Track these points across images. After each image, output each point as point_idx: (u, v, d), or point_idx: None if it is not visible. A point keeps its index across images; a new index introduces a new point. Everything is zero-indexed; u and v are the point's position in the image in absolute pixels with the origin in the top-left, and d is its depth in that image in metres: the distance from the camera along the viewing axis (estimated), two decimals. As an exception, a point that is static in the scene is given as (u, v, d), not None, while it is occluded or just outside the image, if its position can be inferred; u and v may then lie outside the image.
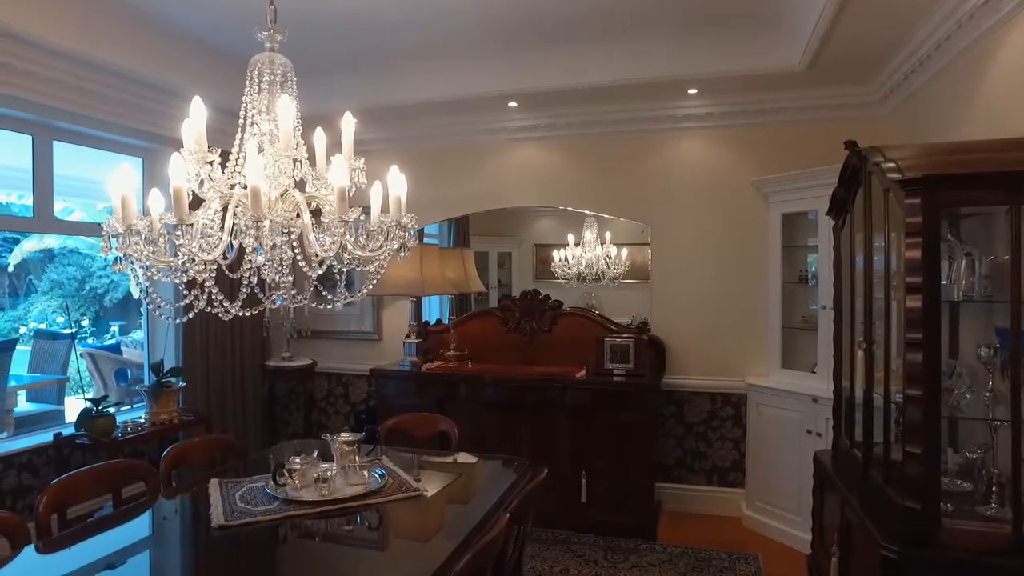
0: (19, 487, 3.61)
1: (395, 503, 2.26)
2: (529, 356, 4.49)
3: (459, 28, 3.67)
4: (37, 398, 5.83)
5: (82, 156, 4.08)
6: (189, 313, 1.81)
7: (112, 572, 1.94)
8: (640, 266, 4.79)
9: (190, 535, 2.26)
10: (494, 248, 5.30)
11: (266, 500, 2.22)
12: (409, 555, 2.08)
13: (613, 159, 4.52)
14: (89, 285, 13.41)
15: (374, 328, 5.03)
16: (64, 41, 3.20)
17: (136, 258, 1.71)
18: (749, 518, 4.08)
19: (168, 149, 4.24)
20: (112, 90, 3.65)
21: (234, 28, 3.62)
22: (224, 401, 4.61)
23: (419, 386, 4.30)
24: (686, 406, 4.40)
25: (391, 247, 1.82)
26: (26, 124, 3.67)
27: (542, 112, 4.48)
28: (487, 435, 4.06)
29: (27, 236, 11.11)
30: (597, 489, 3.96)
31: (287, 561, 2.02)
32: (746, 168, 4.23)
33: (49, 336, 6.90)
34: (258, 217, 1.54)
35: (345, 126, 1.89)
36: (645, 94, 4.12)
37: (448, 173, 4.80)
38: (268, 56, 1.96)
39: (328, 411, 5.19)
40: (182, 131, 1.89)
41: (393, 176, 1.87)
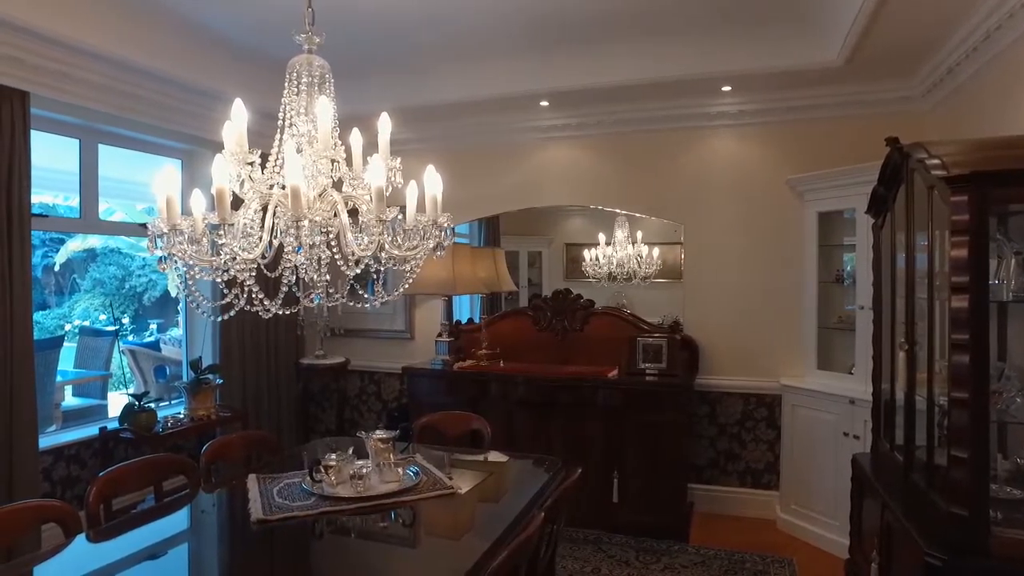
0: (68, 477, 3.73)
1: (428, 501, 2.27)
2: (561, 355, 4.48)
3: (491, 28, 3.68)
4: (82, 393, 6.01)
5: (123, 158, 4.19)
6: (230, 311, 1.84)
7: (154, 562, 2.00)
8: (671, 265, 4.75)
9: (230, 529, 2.31)
10: (524, 247, 5.31)
11: (303, 496, 2.25)
12: (443, 552, 2.10)
13: (645, 158, 4.48)
14: (129, 284, 13.78)
15: (406, 327, 5.07)
16: (113, 48, 3.31)
17: (180, 257, 1.76)
18: (784, 521, 4.01)
19: (206, 151, 4.36)
20: (155, 94, 3.75)
21: (271, 32, 3.69)
22: (259, 398, 4.69)
23: (451, 385, 4.32)
24: (719, 406, 4.35)
25: (427, 246, 1.83)
26: (74, 128, 3.79)
27: (574, 111, 4.47)
28: (518, 434, 4.07)
29: (72, 236, 11.46)
30: (629, 489, 3.94)
31: (323, 556, 2.04)
32: (780, 166, 4.16)
33: (93, 333, 7.11)
34: (298, 217, 1.57)
35: (381, 126, 1.91)
36: (678, 92, 4.08)
37: (480, 172, 4.82)
38: (306, 58, 1.99)
39: (360, 409, 5.25)
40: (223, 133, 1.93)
41: (429, 175, 1.89)
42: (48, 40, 3.09)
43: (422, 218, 1.84)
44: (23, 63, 3.10)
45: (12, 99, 3.13)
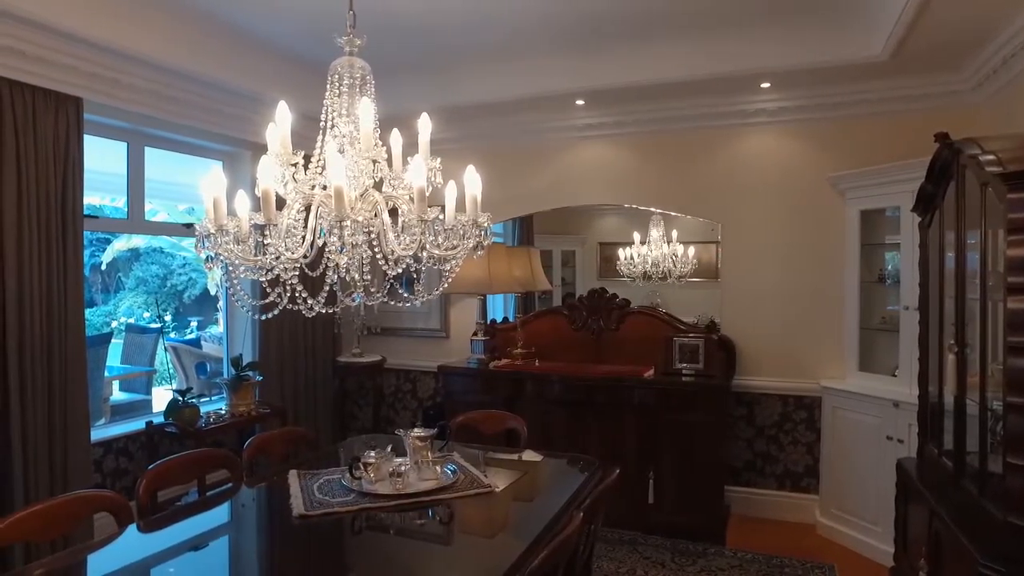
0: (117, 469, 3.86)
1: (464, 499, 2.28)
2: (596, 355, 4.46)
3: (528, 27, 3.67)
4: (128, 388, 6.20)
5: (164, 159, 4.29)
6: (273, 310, 1.88)
7: (196, 553, 2.05)
8: (706, 265, 4.70)
9: (272, 523, 2.35)
10: (558, 246, 5.30)
11: (343, 492, 2.28)
12: (480, 551, 2.11)
13: (682, 156, 4.44)
14: (170, 282, 14.16)
15: (441, 326, 5.11)
16: (161, 55, 3.41)
17: (226, 257, 1.80)
18: (824, 526, 3.93)
19: (246, 152, 4.45)
20: (198, 98, 3.85)
21: (312, 36, 3.75)
22: (297, 395, 4.77)
23: (486, 383, 4.34)
24: (756, 408, 4.28)
25: (467, 246, 1.84)
26: (122, 132, 3.91)
27: (610, 109, 4.44)
28: (554, 433, 4.07)
29: (117, 236, 11.82)
30: (665, 490, 3.90)
31: (361, 552, 2.07)
32: (821, 164, 4.07)
33: (139, 330, 7.32)
34: (341, 217, 1.59)
35: (422, 127, 1.92)
36: (716, 89, 4.03)
37: (515, 171, 4.82)
38: (348, 60, 2.02)
39: (396, 407, 5.30)
40: (267, 135, 1.96)
41: (469, 175, 1.90)
42: (102, 49, 3.20)
43: (462, 217, 1.85)
44: (78, 71, 3.21)
45: (67, 105, 3.24)
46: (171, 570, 1.94)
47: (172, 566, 1.96)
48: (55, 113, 3.20)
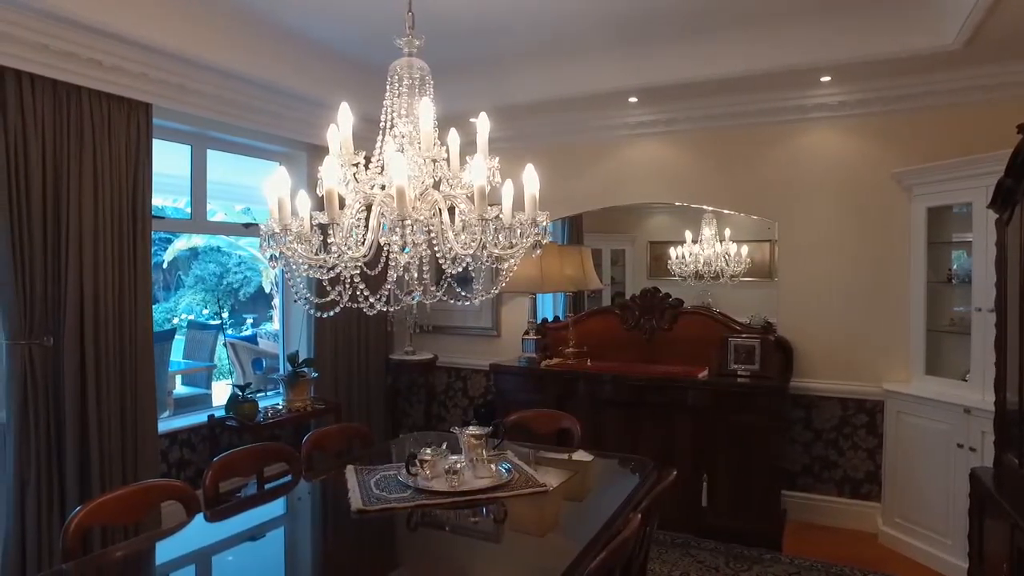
0: (181, 460, 4.01)
1: (518, 498, 2.29)
2: (648, 355, 4.41)
3: (581, 25, 3.66)
4: (190, 382, 6.44)
5: (222, 161, 4.41)
6: (334, 308, 1.92)
7: (257, 543, 2.12)
8: (760, 264, 4.59)
9: (330, 516, 2.39)
10: (607, 245, 5.26)
11: (399, 488, 2.31)
12: (534, 550, 2.10)
13: (737, 153, 4.34)
14: (226, 280, 14.64)
15: (493, 324, 5.13)
16: (225, 60, 3.52)
17: (290, 256, 1.84)
18: (886, 535, 3.79)
19: (302, 154, 4.56)
20: (258, 101, 3.96)
21: (367, 39, 3.82)
22: (350, 392, 4.86)
23: (538, 382, 4.34)
24: (814, 411, 4.15)
25: (525, 244, 1.84)
26: (186, 135, 4.05)
27: (663, 106, 4.38)
28: (605, 433, 4.04)
29: (178, 236, 12.29)
30: (718, 493, 3.83)
31: (417, 548, 2.09)
32: (884, 159, 3.92)
33: (200, 327, 7.60)
34: (403, 216, 1.61)
35: (480, 126, 1.93)
36: (773, 84, 3.92)
37: (568, 170, 4.80)
38: (407, 61, 2.04)
39: (447, 404, 5.35)
40: (327, 136, 1.99)
41: (528, 173, 1.89)
42: (172, 56, 3.33)
43: (521, 216, 1.85)
44: (148, 78, 3.35)
45: (138, 111, 3.39)
46: (229, 558, 2.00)
47: (234, 554, 2.02)
48: (127, 119, 3.35)
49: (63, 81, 3.06)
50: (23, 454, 3.02)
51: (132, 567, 1.94)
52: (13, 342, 2.99)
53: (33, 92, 2.97)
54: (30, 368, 3.03)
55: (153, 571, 1.94)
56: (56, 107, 3.07)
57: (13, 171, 2.93)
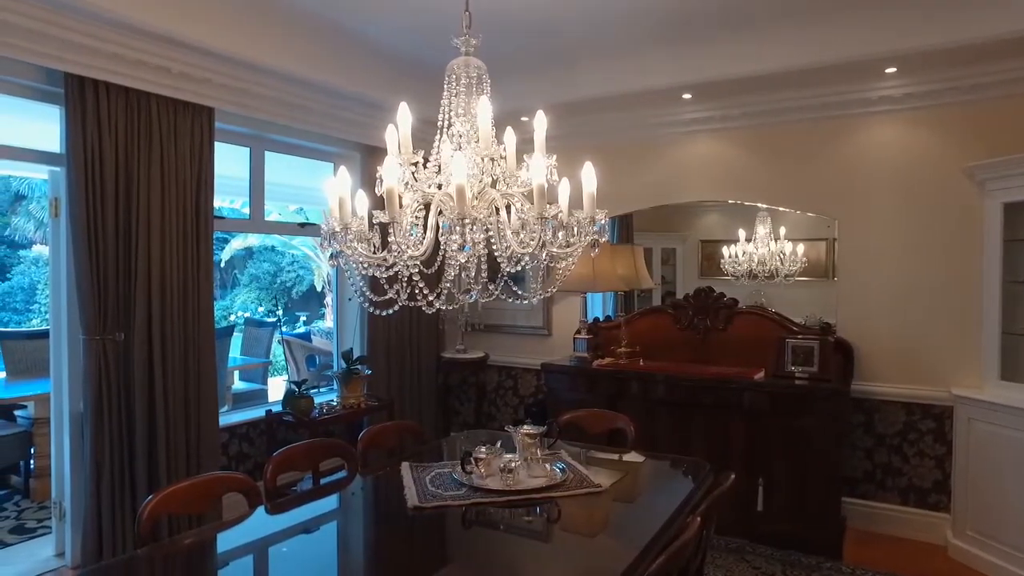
0: (240, 453, 4.14)
1: (572, 498, 2.27)
2: (702, 355, 4.33)
3: (634, 21, 3.61)
4: (247, 378, 6.63)
5: (276, 161, 4.51)
6: (393, 306, 1.94)
7: (309, 535, 2.17)
8: (815, 263, 4.45)
9: (387, 512, 2.42)
10: (658, 244, 5.18)
11: (454, 486, 2.32)
12: (591, 551, 2.08)
13: (795, 149, 4.21)
14: (280, 279, 15.05)
15: (544, 323, 5.12)
16: (284, 64, 3.62)
17: (350, 255, 1.87)
18: (957, 548, 3.62)
19: (356, 154, 4.64)
20: (314, 103, 4.05)
21: (422, 40, 3.86)
22: (402, 389, 4.92)
23: (589, 382, 4.31)
24: (877, 415, 4.00)
25: (584, 243, 1.83)
26: (245, 137, 4.17)
27: (718, 102, 4.29)
28: (658, 434, 3.98)
29: (234, 236, 12.69)
30: (774, 498, 3.73)
31: (472, 546, 2.09)
32: (955, 153, 3.74)
33: (256, 324, 7.82)
34: (463, 215, 1.61)
35: (538, 124, 1.92)
36: (834, 77, 3.79)
37: (621, 168, 4.75)
38: (464, 60, 2.05)
39: (497, 403, 5.37)
40: (385, 135, 2.02)
41: (586, 172, 1.88)
42: (234, 61, 3.44)
43: (579, 214, 1.84)
44: (211, 83, 3.47)
45: (202, 115, 3.51)
46: (284, 549, 2.05)
47: (294, 546, 2.07)
48: (191, 123, 3.47)
49: (134, 88, 3.19)
50: (98, 443, 3.17)
51: (199, 554, 2.01)
52: (89, 337, 3.14)
53: (108, 100, 3.11)
54: (104, 362, 3.17)
55: (215, 560, 2.01)
56: (128, 113, 3.20)
57: (90, 175, 3.08)
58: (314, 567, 1.96)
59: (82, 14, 2.85)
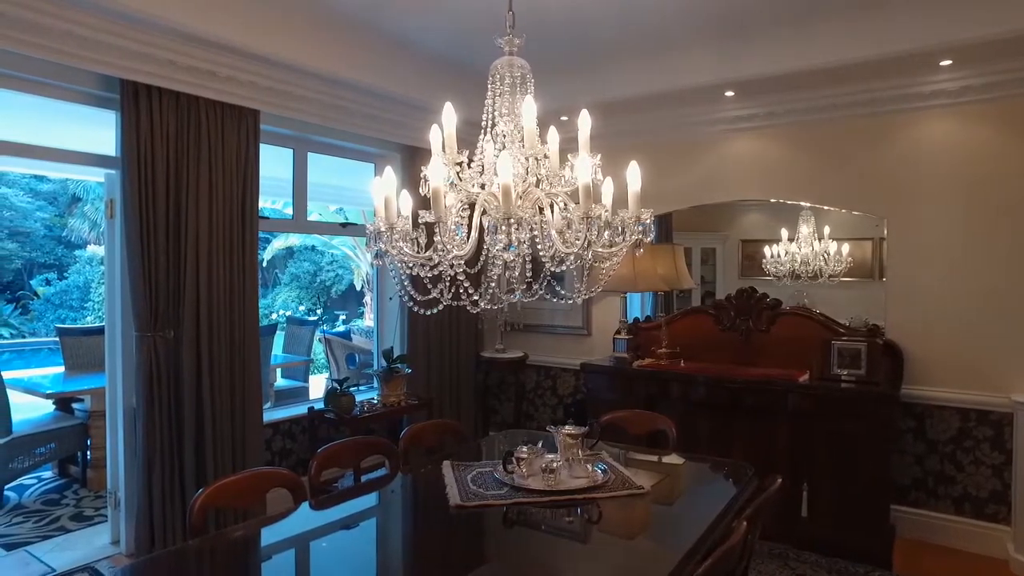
0: (283, 449, 4.22)
1: (614, 499, 2.26)
2: (744, 357, 4.25)
3: (676, 18, 3.56)
4: (288, 375, 6.76)
5: (317, 162, 4.56)
6: (437, 306, 1.95)
7: (353, 532, 2.20)
8: (860, 263, 4.34)
9: (430, 510, 2.44)
10: (697, 243, 5.11)
11: (496, 485, 2.33)
12: (633, 554, 2.07)
13: (841, 146, 4.10)
14: (319, 278, 15.32)
15: (583, 323, 5.10)
16: (327, 66, 3.68)
17: (395, 255, 1.88)
18: (1019, 563, 3.46)
19: (396, 155, 4.68)
20: (356, 104, 4.10)
21: (464, 41, 3.87)
22: (441, 388, 4.95)
23: (629, 382, 4.27)
24: (928, 421, 3.87)
25: (628, 242, 1.81)
26: (289, 139, 4.25)
27: (761, 100, 4.21)
28: (698, 437, 3.93)
29: (275, 236, 12.96)
30: (820, 504, 3.64)
31: (513, 545, 2.08)
32: (1016, 148, 3.59)
33: (298, 322, 7.97)
34: (508, 215, 1.62)
35: (582, 123, 1.92)
36: (883, 71, 3.68)
37: (661, 167, 4.69)
38: (507, 60, 2.05)
39: (536, 403, 5.36)
40: (430, 136, 2.03)
41: (631, 171, 1.86)
42: (278, 64, 3.51)
43: (624, 214, 1.82)
44: (256, 86, 3.54)
45: (247, 118, 3.59)
46: (324, 544, 2.09)
47: (342, 541, 2.11)
48: (237, 125, 3.55)
49: (184, 92, 3.28)
50: (149, 437, 3.27)
51: (246, 546, 2.06)
52: (141, 334, 3.24)
53: (160, 104, 3.21)
54: (155, 358, 3.27)
55: (260, 553, 2.05)
56: (178, 117, 3.30)
57: (143, 178, 3.18)
58: (360, 562, 1.99)
59: (139, 23, 2.95)
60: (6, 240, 14.51)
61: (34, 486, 4.76)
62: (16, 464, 4.38)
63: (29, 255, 15.03)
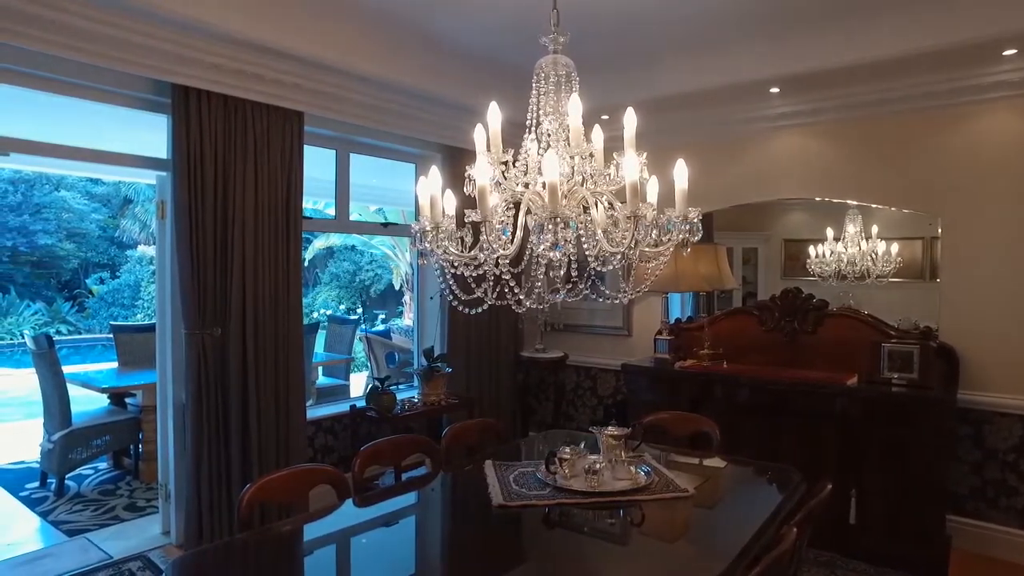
0: (325, 446, 4.29)
1: (656, 502, 2.23)
2: (789, 359, 4.15)
3: (718, 13, 3.50)
4: (330, 373, 6.87)
5: (357, 163, 4.61)
6: (482, 305, 1.95)
7: (397, 528, 2.23)
8: (910, 263, 4.19)
9: (472, 509, 2.44)
10: (738, 243, 5.01)
11: (538, 485, 2.31)
12: (681, 558, 2.04)
13: (892, 142, 3.97)
14: (359, 278, 15.55)
15: (623, 323, 5.06)
16: (370, 68, 3.72)
17: (440, 254, 1.89)
18: (1083, 575, 3.31)
19: (436, 155, 4.71)
20: (398, 105, 4.14)
21: (506, 42, 3.86)
22: (481, 387, 4.96)
23: (671, 384, 4.21)
24: (986, 428, 3.71)
25: (675, 241, 1.78)
26: (331, 140, 4.32)
27: (807, 96, 4.10)
28: (741, 440, 3.82)
29: (316, 236, 13.19)
30: (869, 511, 3.53)
31: (555, 546, 2.07)
32: (1085, 142, 3.42)
33: (339, 321, 8.10)
34: (555, 214, 1.61)
35: (627, 121, 1.89)
36: (939, 64, 3.53)
37: (702, 166, 4.55)
38: (552, 58, 2.04)
39: (576, 403, 5.33)
40: (474, 135, 2.02)
41: (678, 169, 1.84)
42: (322, 66, 3.57)
43: (671, 212, 1.80)
44: (301, 88, 3.61)
45: (292, 120, 3.66)
46: (363, 541, 2.11)
47: (386, 537, 2.13)
48: (283, 127, 3.62)
49: (232, 96, 3.36)
50: (197, 432, 3.36)
51: (292, 541, 2.09)
52: (190, 332, 3.33)
53: (209, 107, 3.29)
54: (203, 355, 3.36)
55: (304, 548, 2.09)
56: (226, 120, 3.38)
57: (192, 179, 3.26)
58: (403, 558, 2.01)
59: (190, 29, 3.04)
60: (65, 241, 15.18)
61: (91, 476, 4.95)
62: (75, 455, 4.56)
63: (85, 255, 15.70)
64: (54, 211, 14.88)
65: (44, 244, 14.83)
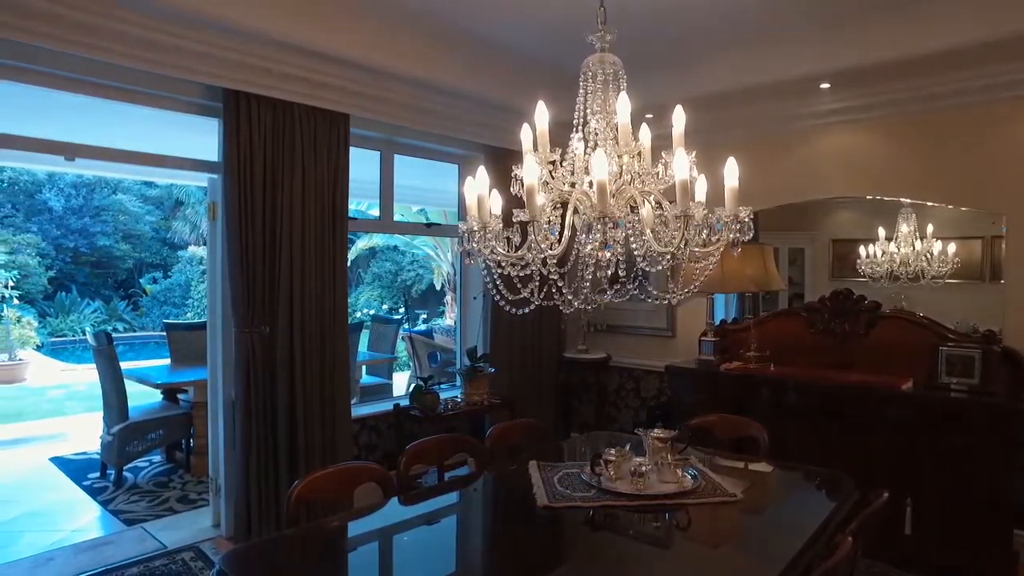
0: (369, 444, 4.34)
1: (702, 506, 2.19)
2: (839, 361, 4.03)
3: (765, 8, 3.42)
4: (373, 372, 6.96)
5: (399, 163, 4.64)
6: (529, 306, 1.95)
7: (441, 527, 2.25)
8: (967, 263, 4.02)
9: (517, 509, 2.43)
10: (784, 243, 4.88)
11: (583, 487, 2.30)
12: (730, 564, 2.00)
13: (950, 138, 3.81)
14: (400, 278, 15.73)
15: (667, 325, 5.00)
16: (415, 70, 3.76)
17: (487, 254, 1.89)
18: None
19: (479, 155, 4.72)
20: (442, 106, 4.17)
21: (550, 41, 3.85)
22: (523, 387, 4.95)
23: (716, 386, 4.14)
24: (1055, 438, 3.53)
25: (725, 241, 1.75)
26: (376, 141, 4.37)
27: (859, 91, 3.97)
28: (789, 444, 3.73)
29: (359, 236, 13.39)
30: (925, 521, 3.40)
31: (599, 548, 2.05)
32: None
33: (383, 321, 8.21)
34: (604, 213, 1.59)
35: (676, 119, 1.87)
36: (1003, 54, 3.37)
37: (749, 165, 4.48)
38: (599, 57, 2.02)
39: (618, 405, 5.29)
40: (521, 135, 2.01)
41: (728, 167, 1.80)
42: (367, 69, 3.62)
43: (720, 212, 1.76)
44: (346, 90, 3.67)
45: (338, 122, 3.72)
46: (405, 538, 2.13)
47: (428, 535, 2.15)
48: (329, 129, 3.69)
49: (280, 99, 3.44)
50: (246, 428, 3.44)
51: (337, 538, 2.13)
52: (239, 330, 3.42)
53: (259, 111, 3.37)
54: (252, 353, 3.44)
55: (347, 543, 2.12)
56: (274, 123, 3.45)
57: (242, 181, 3.35)
58: (445, 555, 2.03)
59: (240, 35, 3.12)
60: (121, 242, 15.84)
61: (146, 468, 5.14)
62: (131, 447, 4.75)
63: (139, 256, 16.36)
64: (112, 213, 15.54)
65: (103, 245, 15.50)
